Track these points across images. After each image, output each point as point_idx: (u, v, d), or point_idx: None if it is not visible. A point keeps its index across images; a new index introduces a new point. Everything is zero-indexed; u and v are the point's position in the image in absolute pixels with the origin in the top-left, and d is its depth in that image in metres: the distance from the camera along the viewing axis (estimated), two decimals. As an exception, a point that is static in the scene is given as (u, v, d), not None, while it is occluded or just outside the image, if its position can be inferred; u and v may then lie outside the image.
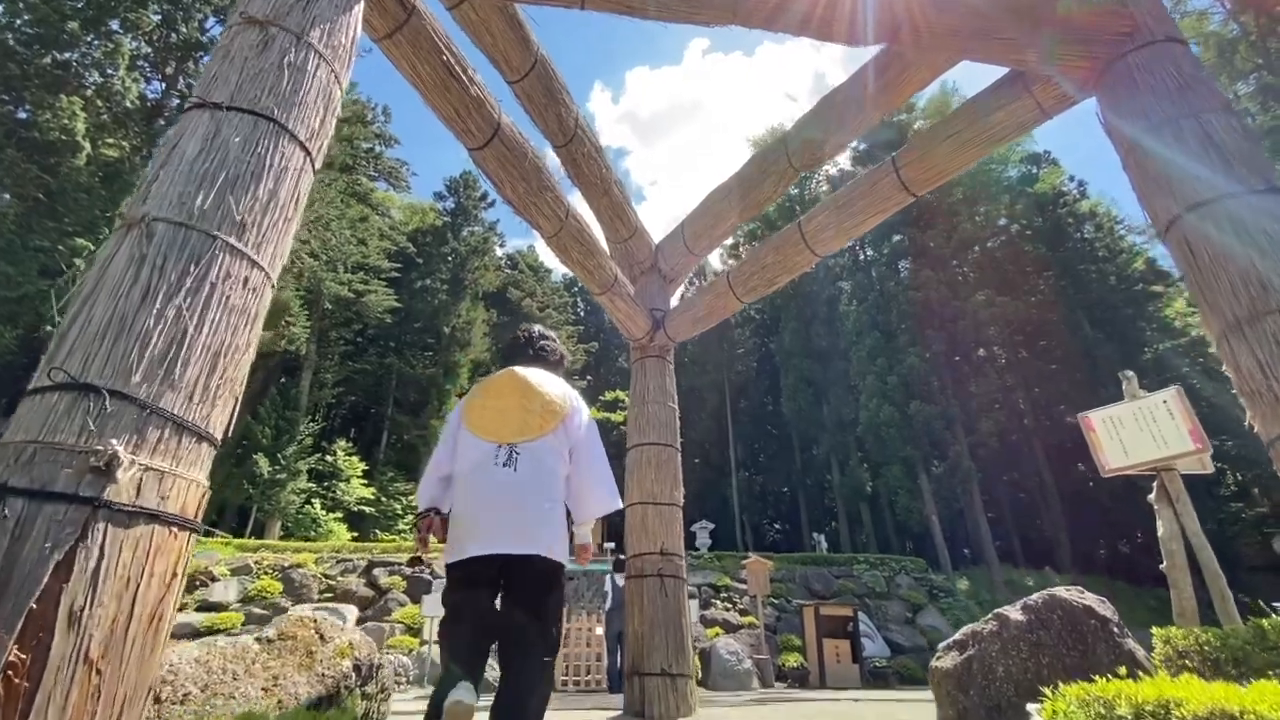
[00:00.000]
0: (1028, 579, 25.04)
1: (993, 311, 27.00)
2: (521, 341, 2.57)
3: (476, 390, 2.43)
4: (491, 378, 2.45)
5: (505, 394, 2.28)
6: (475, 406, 2.31)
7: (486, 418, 2.24)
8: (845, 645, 10.71)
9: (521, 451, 2.16)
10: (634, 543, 3.66)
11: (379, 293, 29.58)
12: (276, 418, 26.84)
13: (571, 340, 45.84)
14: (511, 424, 2.20)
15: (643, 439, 3.82)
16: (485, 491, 2.11)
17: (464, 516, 2.14)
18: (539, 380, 2.33)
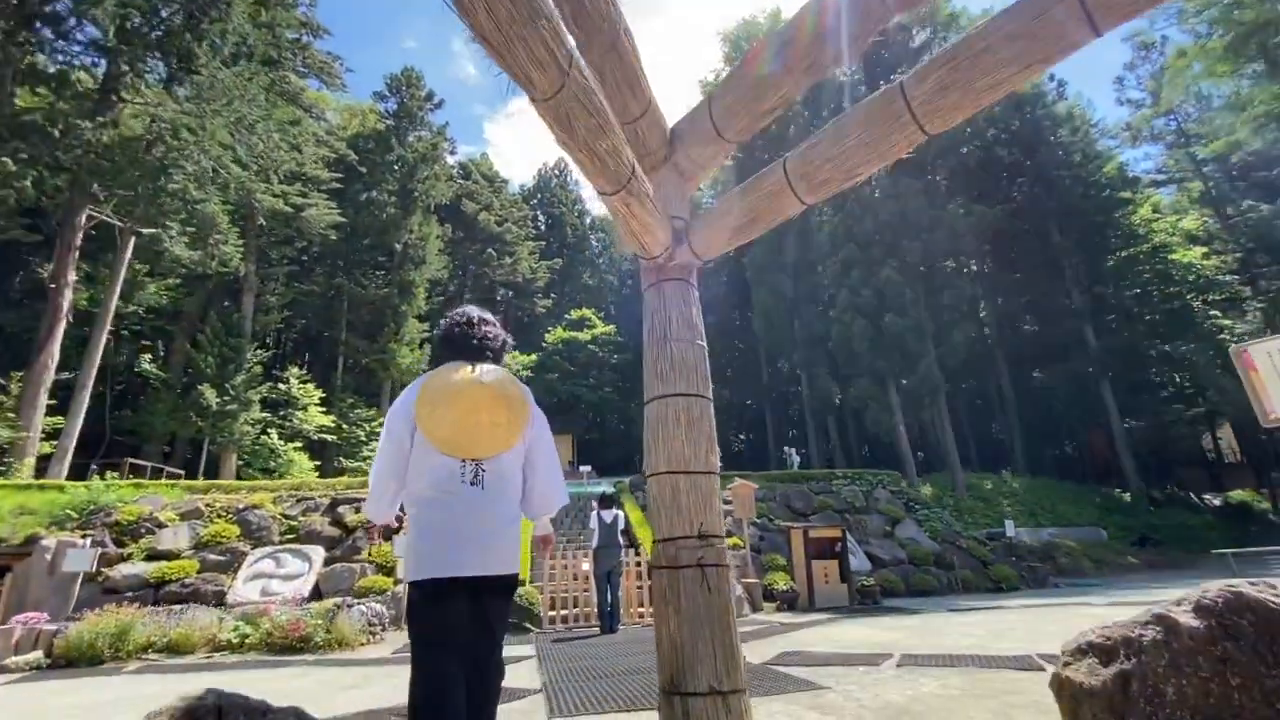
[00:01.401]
0: (986, 482, 26.14)
1: (969, 221, 26.42)
2: (470, 337, 2.39)
3: (434, 394, 2.17)
4: (450, 382, 2.20)
5: (474, 409, 2.14)
6: (439, 420, 2.11)
7: (454, 434, 2.09)
8: (834, 565, 10.61)
9: (488, 468, 2.12)
10: (662, 524, 2.83)
11: (320, 206, 27.07)
12: (220, 345, 25.04)
13: (534, 257, 43.87)
14: (481, 442, 2.12)
15: (666, 388, 2.91)
16: (454, 511, 2.05)
17: (430, 535, 2.04)
18: (504, 390, 2.24)
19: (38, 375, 15.29)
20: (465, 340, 2.38)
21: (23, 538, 10.28)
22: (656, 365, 3.13)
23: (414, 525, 2.12)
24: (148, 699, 4.69)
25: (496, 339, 2.46)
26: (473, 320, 2.44)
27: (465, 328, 2.41)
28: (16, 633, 7.11)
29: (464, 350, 2.36)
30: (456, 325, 2.43)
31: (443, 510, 2.06)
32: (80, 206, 16.33)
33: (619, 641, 6.89)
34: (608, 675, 4.68)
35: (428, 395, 2.16)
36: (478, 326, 2.42)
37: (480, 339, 2.39)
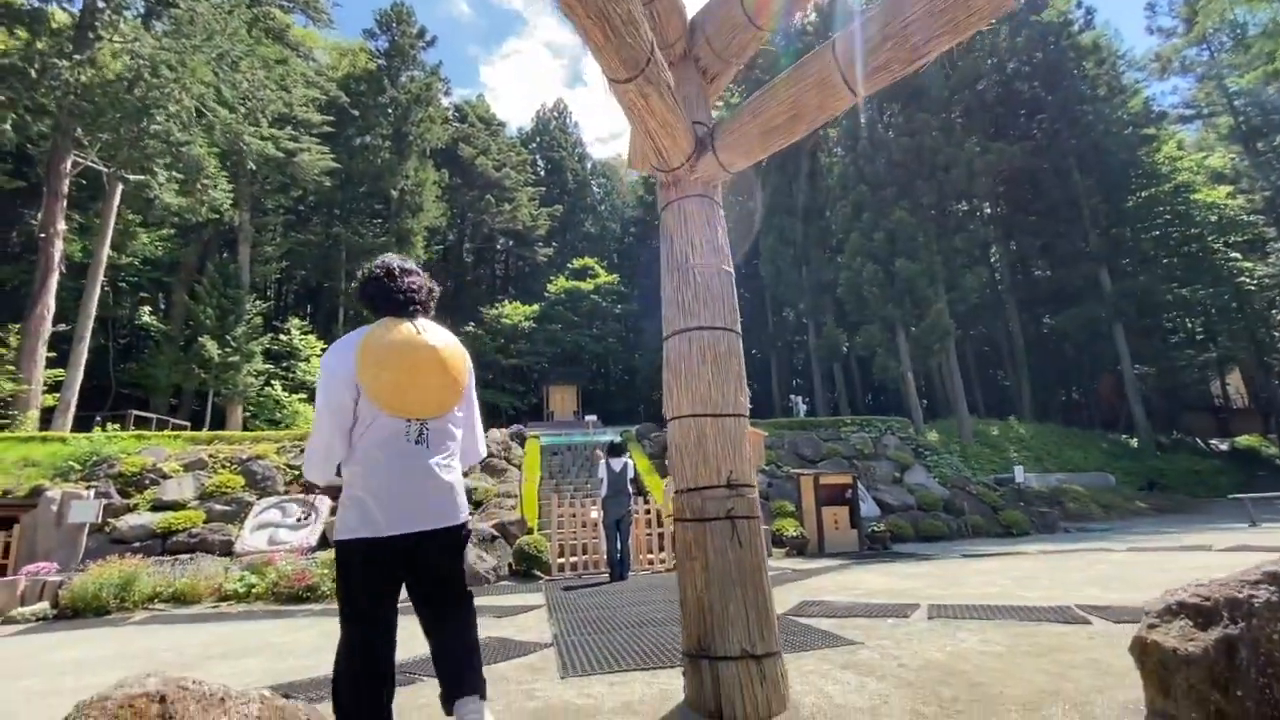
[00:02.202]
0: (992, 428, 26.01)
1: (986, 160, 25.34)
2: (394, 290, 2.19)
3: (377, 356, 2.04)
4: (392, 343, 2.08)
5: (422, 371, 2.08)
6: (385, 383, 2.02)
7: (401, 397, 2.03)
8: (844, 512, 10.48)
9: (431, 426, 2.11)
10: (686, 472, 2.50)
11: (312, 151, 26.10)
12: (218, 296, 24.67)
13: (534, 204, 42.74)
14: (430, 403, 2.09)
15: (689, 321, 2.53)
16: (401, 470, 2.02)
17: (370, 494, 1.98)
18: (449, 351, 2.18)
19: (35, 327, 15.00)
20: (388, 294, 2.18)
21: (28, 489, 10.20)
22: (678, 295, 2.75)
23: (355, 482, 2.02)
24: (146, 653, 4.55)
25: (421, 289, 2.25)
26: (393, 270, 2.22)
27: (386, 280, 2.20)
28: (21, 584, 7.03)
29: (389, 305, 2.18)
30: (375, 279, 2.21)
31: (385, 470, 2.00)
32: (65, 152, 15.65)
33: (629, 589, 6.76)
34: (621, 626, 4.49)
35: (370, 356, 2.03)
36: (400, 278, 2.21)
37: (405, 291, 2.20)
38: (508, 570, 8.62)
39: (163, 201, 17.26)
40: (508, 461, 13.10)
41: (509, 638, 4.34)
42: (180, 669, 3.90)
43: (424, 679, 3.28)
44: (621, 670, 3.18)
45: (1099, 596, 4.77)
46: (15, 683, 3.80)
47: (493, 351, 35.50)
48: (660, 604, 5.56)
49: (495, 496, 11.11)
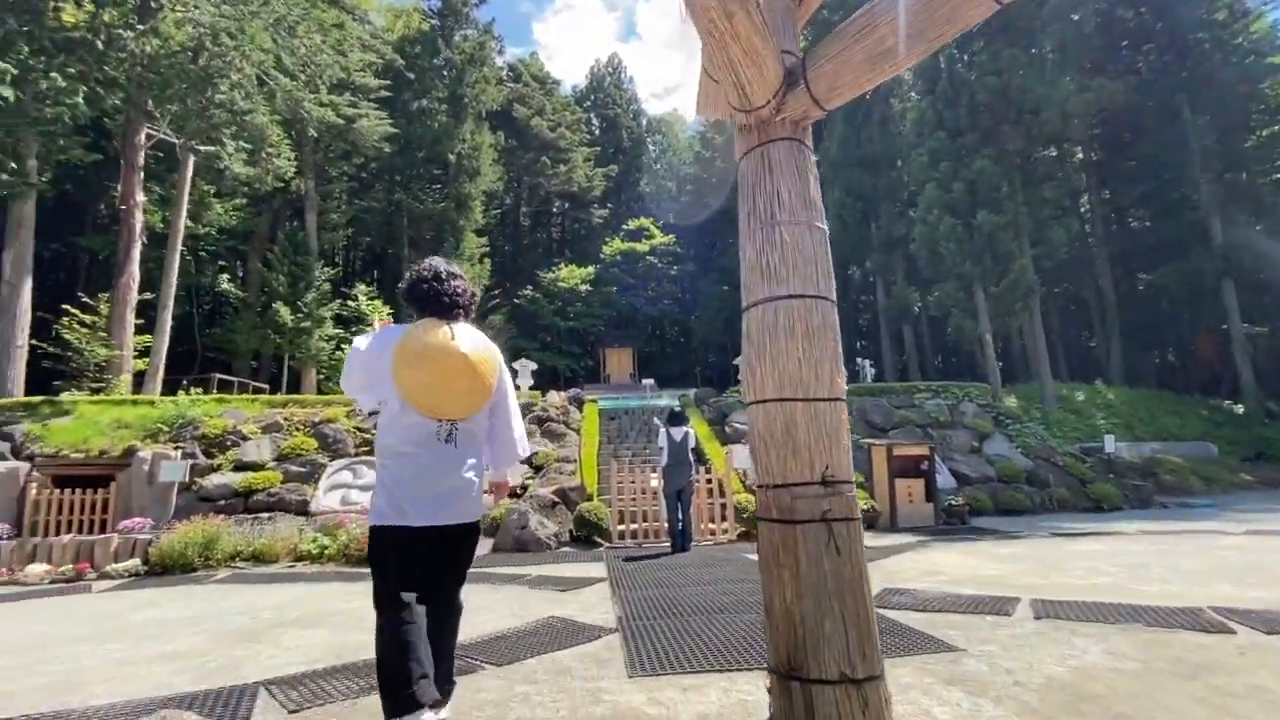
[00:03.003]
0: (1077, 393, 24.27)
1: (1083, 99, 22.93)
2: (441, 294, 2.32)
3: (413, 357, 2.16)
4: (428, 346, 2.18)
5: (452, 375, 2.19)
6: (417, 384, 2.16)
7: (435, 399, 2.18)
8: (919, 485, 9.90)
9: (460, 427, 2.25)
10: (771, 465, 2.14)
11: (371, 117, 26.30)
12: (289, 263, 25.58)
13: (589, 164, 42.10)
14: (460, 406, 2.22)
15: (775, 288, 2.13)
16: (427, 465, 2.18)
17: (401, 485, 2.16)
18: (481, 356, 2.27)
19: (122, 295, 15.89)
20: (435, 297, 2.31)
21: (122, 450, 10.88)
22: (762, 258, 2.34)
23: (386, 474, 2.19)
24: (219, 617, 4.65)
25: (465, 293, 2.40)
26: (440, 275, 2.35)
27: (434, 283, 2.33)
28: (114, 542, 7.47)
29: (435, 307, 2.31)
30: (424, 281, 2.35)
31: (414, 464, 2.16)
32: (139, 125, 16.24)
33: (693, 564, 6.54)
34: (689, 611, 4.25)
35: (406, 356, 2.16)
36: (446, 281, 2.35)
37: (451, 295, 2.33)
38: (568, 536, 8.58)
39: (233, 172, 17.76)
40: (566, 425, 13.06)
41: (572, 618, 4.17)
42: (249, 638, 3.93)
43: (485, 667, 3.13)
44: (695, 671, 2.92)
45: (1235, 596, 4.17)
46: (100, 645, 3.91)
47: (550, 314, 35.71)
48: (726, 584, 5.30)
49: (555, 461, 11.09)
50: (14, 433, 11.06)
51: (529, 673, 3.01)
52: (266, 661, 3.39)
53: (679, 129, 55.02)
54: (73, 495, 9.91)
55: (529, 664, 3.15)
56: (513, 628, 3.93)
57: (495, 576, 6.11)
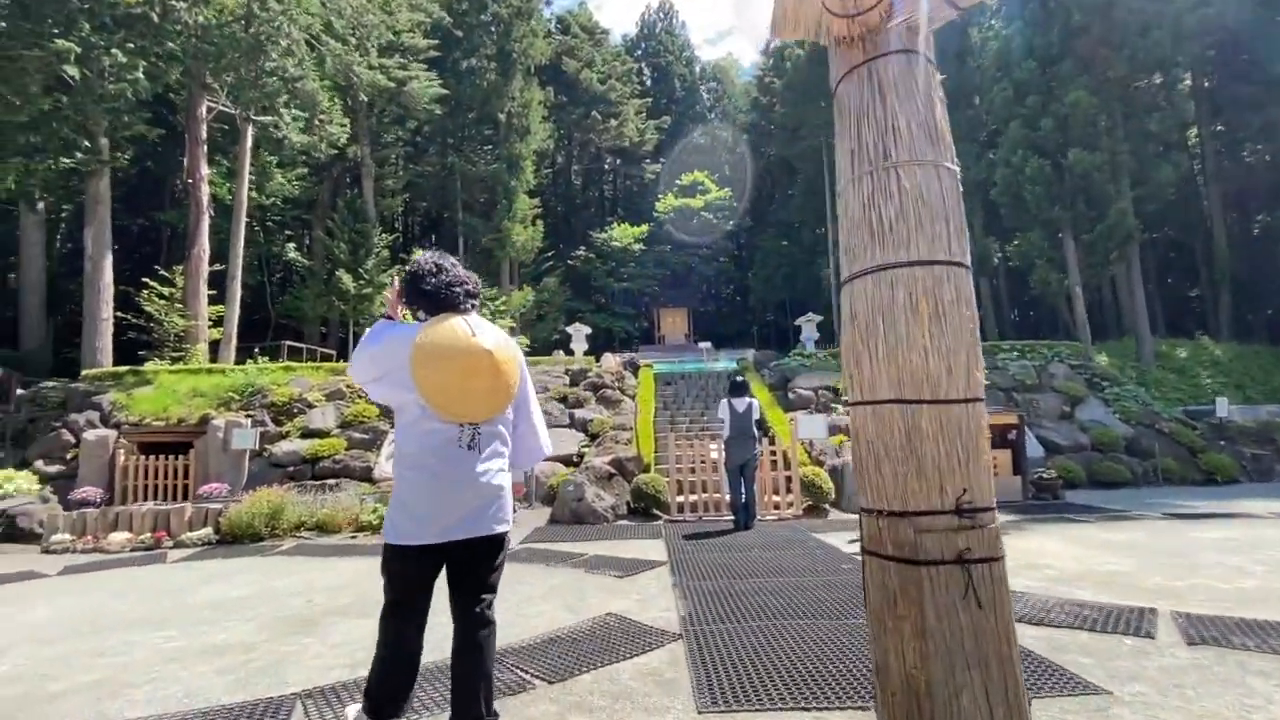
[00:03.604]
0: (1178, 350, 22.08)
1: (1199, 16, 20.05)
2: (449, 285, 2.16)
3: (432, 358, 2.00)
4: (448, 346, 2.02)
5: (475, 376, 2.03)
6: (438, 386, 1.99)
7: (457, 403, 2.02)
8: (1005, 456, 9.08)
9: (483, 430, 2.09)
10: (883, 485, 1.61)
11: (421, 79, 26.03)
12: (349, 231, 26.04)
13: (640, 117, 40.75)
14: (483, 408, 2.07)
15: (891, 252, 1.58)
16: (449, 475, 2.01)
17: (420, 499, 2.01)
18: (505, 354, 2.12)
19: (195, 267, 16.47)
20: (446, 288, 2.16)
21: (198, 418, 11.31)
22: (872, 211, 1.78)
23: (403, 487, 2.06)
24: (277, 597, 4.57)
25: (472, 279, 2.27)
26: (441, 266, 2.21)
27: (438, 276, 2.17)
28: (188, 511, 7.70)
29: (447, 301, 2.16)
30: (428, 276, 2.17)
31: (434, 475, 2.01)
32: (199, 98, 16.49)
33: (758, 545, 6.12)
34: (761, 613, 3.83)
35: (424, 357, 2.01)
36: (449, 271, 2.20)
37: (460, 283, 2.20)
38: (626, 509, 8.31)
39: (290, 141, 17.93)
40: (621, 392, 12.75)
41: (630, 615, 3.83)
42: (298, 628, 3.78)
43: (535, 684, 2.81)
44: (777, 708, 2.50)
45: None
46: (156, 632, 3.87)
47: (603, 275, 35.31)
48: (797, 575, 4.85)
49: (611, 429, 10.82)
50: (102, 402, 11.67)
51: (583, 695, 2.67)
52: (310, 662, 3.20)
53: (734, 75, 52.38)
54: (156, 461, 10.41)
55: (584, 681, 2.82)
56: (566, 627, 3.62)
57: (551, 555, 5.88)
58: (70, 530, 7.48)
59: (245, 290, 21.87)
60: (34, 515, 8.62)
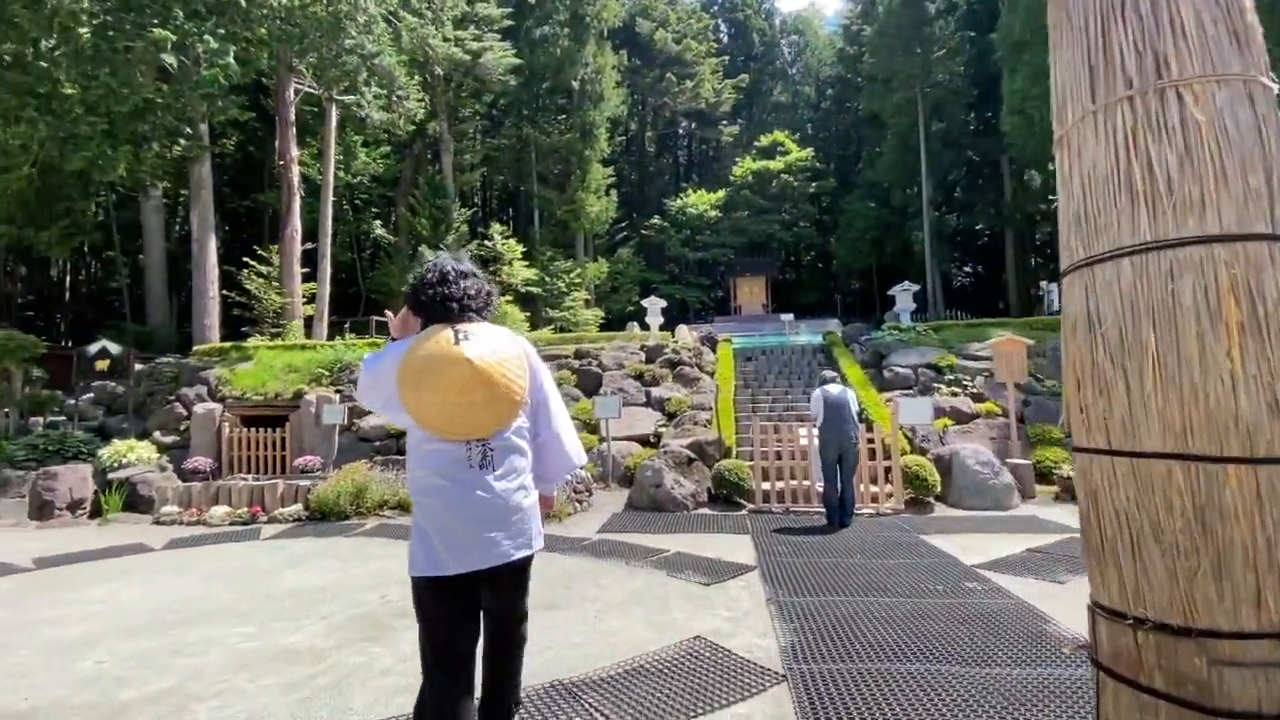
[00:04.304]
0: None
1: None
2: (447, 299, 1.95)
3: (415, 375, 1.82)
4: (429, 360, 1.83)
5: (463, 388, 1.81)
6: (427, 405, 1.82)
7: (452, 419, 1.83)
8: None
9: (495, 445, 1.88)
10: (1150, 581, 0.96)
11: (495, 50, 25.86)
12: (429, 207, 26.59)
13: (716, 77, 39.06)
14: (482, 422, 1.86)
15: (1170, 224, 0.85)
16: (463, 499, 1.83)
17: (435, 526, 1.83)
18: (498, 358, 1.89)
19: (288, 247, 17.22)
20: (441, 303, 1.94)
21: (292, 393, 11.78)
22: (1129, 158, 1.15)
23: (419, 514, 1.88)
24: (354, 590, 4.46)
25: (479, 293, 2.02)
26: (447, 275, 1.98)
27: (439, 288, 1.95)
28: (280, 487, 7.94)
29: (441, 314, 1.94)
30: (428, 287, 1.97)
31: (446, 499, 1.83)
32: (287, 80, 17.00)
33: (860, 548, 5.50)
34: (880, 650, 3.27)
35: (408, 375, 1.82)
36: (454, 283, 1.97)
37: (459, 299, 1.95)
38: (706, 496, 7.86)
39: (372, 119, 18.23)
40: (699, 368, 12.21)
41: (721, 640, 3.37)
42: (369, 632, 3.60)
43: (616, 735, 2.42)
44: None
45: None
46: (234, 628, 3.80)
47: (678, 245, 34.51)
48: (911, 592, 4.23)
49: (689, 409, 10.35)
50: (209, 377, 12.40)
51: (674, 760, 2.24)
52: (377, 681, 2.98)
53: (817, 25, 49.12)
54: (257, 433, 10.95)
55: (673, 737, 2.40)
56: (650, 653, 3.22)
57: (629, 550, 5.53)
58: (178, 503, 7.90)
59: (338, 267, 22.85)
60: (152, 483, 9.25)
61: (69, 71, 10.97)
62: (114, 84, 11.87)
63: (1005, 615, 3.68)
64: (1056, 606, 3.82)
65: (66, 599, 4.46)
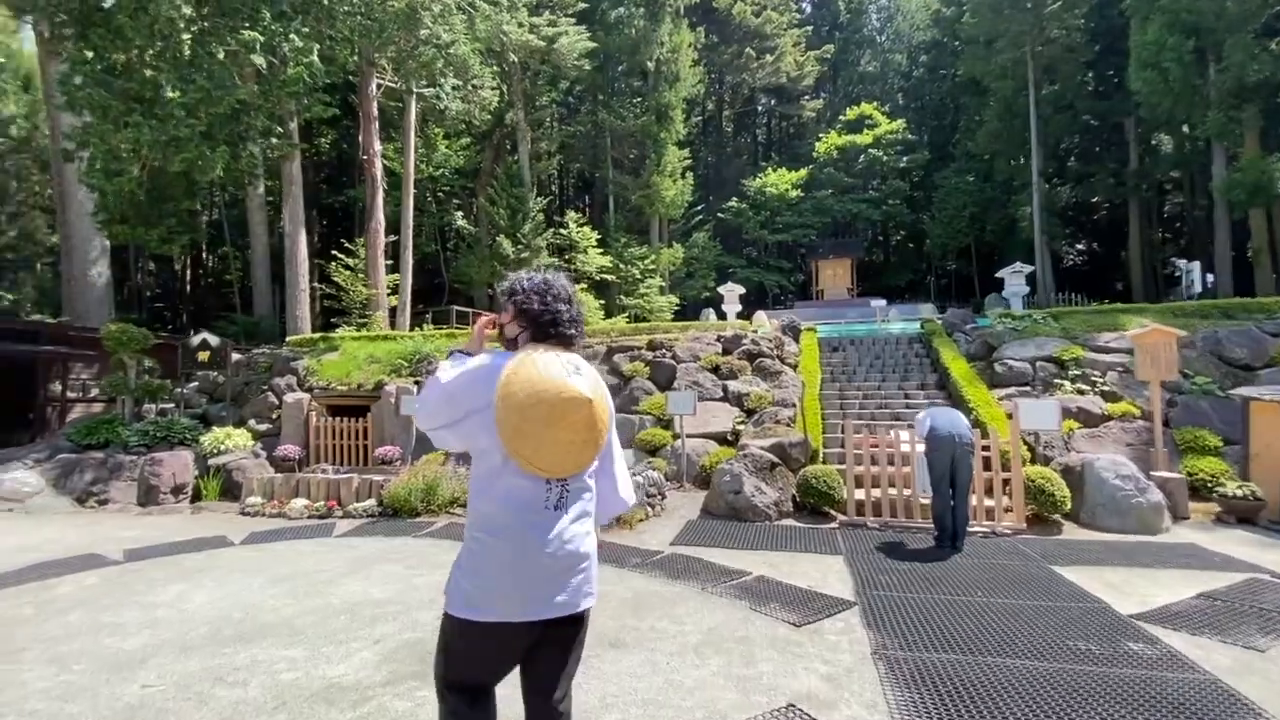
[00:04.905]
0: None
1: None
2: (567, 319, 1.82)
3: (526, 405, 1.63)
4: (544, 391, 1.64)
5: (576, 427, 1.69)
6: (528, 437, 1.63)
7: (549, 456, 1.66)
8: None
9: (571, 486, 1.74)
10: None
11: (570, 34, 25.56)
12: (507, 196, 26.84)
13: (798, 49, 37.06)
14: (574, 462, 1.72)
15: None
16: (535, 543, 1.66)
17: (501, 571, 1.65)
18: (602, 398, 1.78)
19: (373, 239, 17.73)
20: (559, 326, 1.79)
21: (374, 383, 12.00)
22: None
23: (479, 553, 1.68)
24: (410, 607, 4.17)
25: (583, 320, 1.91)
26: (570, 296, 1.86)
27: (556, 306, 1.80)
28: (355, 482, 7.96)
29: (556, 338, 1.79)
30: (554, 299, 1.80)
31: (517, 540, 1.65)
32: (369, 75, 17.38)
33: (979, 580, 4.70)
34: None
35: (517, 401, 1.63)
36: (574, 305, 1.85)
37: (577, 323, 1.84)
38: (791, 505, 7.17)
39: (450, 110, 18.39)
40: (781, 360, 11.40)
41: (819, 716, 2.76)
42: (426, 661, 3.26)
43: None
44: None
45: None
46: (286, 649, 3.58)
47: (756, 227, 33.22)
48: (1057, 654, 3.43)
49: (770, 405, 9.62)
50: (298, 367, 12.87)
51: None
52: (416, 739, 2.60)
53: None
54: (341, 423, 11.22)
55: None
56: (733, 724, 2.67)
57: (706, 570, 4.99)
58: (262, 494, 8.10)
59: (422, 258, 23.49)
60: (246, 470, 9.64)
61: (169, 76, 11.50)
62: (210, 87, 12.38)
63: (1194, 701, 2.85)
64: (1261, 689, 2.95)
65: (138, 600, 4.46)
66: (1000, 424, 7.46)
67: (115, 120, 11.15)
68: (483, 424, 1.66)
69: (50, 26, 12.05)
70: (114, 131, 11.30)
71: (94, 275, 17.36)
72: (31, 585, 4.82)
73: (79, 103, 11.20)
